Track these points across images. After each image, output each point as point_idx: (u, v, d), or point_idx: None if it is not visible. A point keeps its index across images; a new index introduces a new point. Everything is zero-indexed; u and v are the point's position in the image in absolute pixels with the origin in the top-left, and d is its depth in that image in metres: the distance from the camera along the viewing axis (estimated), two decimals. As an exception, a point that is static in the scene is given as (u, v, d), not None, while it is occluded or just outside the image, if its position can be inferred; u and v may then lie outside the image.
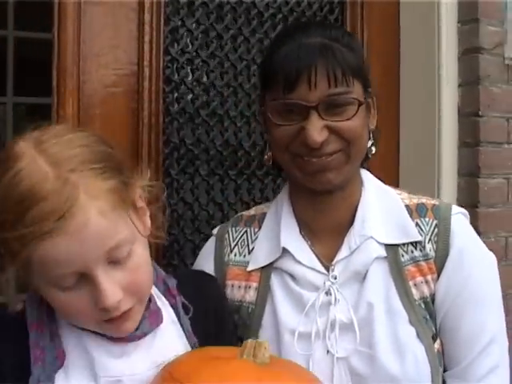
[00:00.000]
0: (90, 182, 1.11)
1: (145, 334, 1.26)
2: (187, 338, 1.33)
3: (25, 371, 1.19)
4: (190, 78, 2.05)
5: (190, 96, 2.04)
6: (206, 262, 1.59)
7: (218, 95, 2.09)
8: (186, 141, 2.03)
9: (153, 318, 1.28)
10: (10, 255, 1.13)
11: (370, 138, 1.50)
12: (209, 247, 1.63)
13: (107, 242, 1.12)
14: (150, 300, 1.29)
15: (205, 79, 2.07)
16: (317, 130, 1.37)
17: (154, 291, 1.33)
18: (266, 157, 1.54)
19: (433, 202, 1.53)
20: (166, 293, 1.35)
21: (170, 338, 1.31)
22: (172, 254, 2.03)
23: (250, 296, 1.52)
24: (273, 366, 1.25)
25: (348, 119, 1.39)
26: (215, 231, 1.65)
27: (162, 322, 1.29)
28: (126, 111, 1.91)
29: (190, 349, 1.32)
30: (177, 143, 2.02)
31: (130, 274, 1.17)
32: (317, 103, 1.37)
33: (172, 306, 1.34)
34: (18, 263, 1.13)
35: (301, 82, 1.36)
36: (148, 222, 1.26)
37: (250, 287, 1.53)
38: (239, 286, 1.54)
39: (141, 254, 1.20)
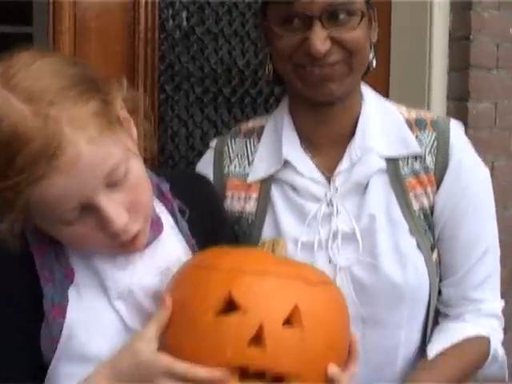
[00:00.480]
0: (71, 112, 1.06)
1: (148, 244, 1.26)
2: (186, 241, 1.34)
3: (38, 297, 1.18)
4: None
5: (184, 13, 2.05)
6: (203, 172, 1.59)
7: (212, 13, 2.10)
8: (180, 58, 2.05)
9: (154, 226, 1.27)
10: (6, 204, 1.08)
11: (371, 51, 1.49)
12: (207, 159, 1.63)
13: (103, 168, 1.09)
14: None
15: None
16: (320, 39, 1.37)
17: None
18: (266, 71, 1.54)
19: (431, 115, 1.55)
20: (161, 197, 1.34)
21: (170, 244, 1.31)
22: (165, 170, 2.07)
23: (250, 207, 1.54)
24: (293, 260, 1.32)
25: (351, 30, 1.39)
26: (213, 144, 1.64)
27: (163, 229, 1.29)
28: (121, 25, 1.92)
29: (189, 251, 1.33)
30: (172, 60, 2.03)
31: (130, 193, 1.14)
32: (320, 13, 1.36)
33: (169, 211, 1.34)
34: (17, 210, 1.08)
35: None
36: (134, 131, 1.22)
37: (249, 198, 1.55)
38: (239, 198, 1.56)
39: (137, 170, 1.17)
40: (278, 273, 1.18)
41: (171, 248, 1.31)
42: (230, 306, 1.14)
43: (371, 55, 1.50)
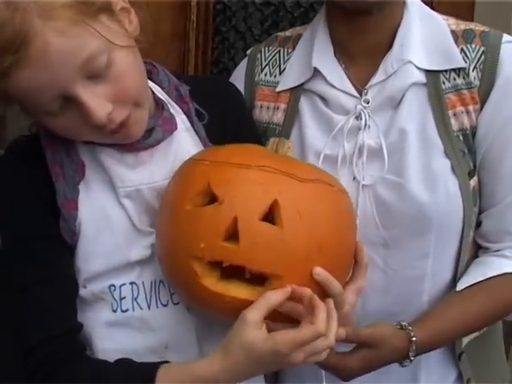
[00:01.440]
0: (41, 3, 1.04)
1: (158, 142, 1.25)
2: (203, 144, 1.31)
3: (51, 190, 1.20)
4: None
5: None
6: (236, 81, 1.54)
7: None
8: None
9: (166, 124, 1.26)
10: None
11: None
12: (241, 67, 1.58)
13: (75, 58, 1.07)
14: (162, 107, 1.27)
15: None
16: None
17: (166, 98, 1.30)
18: None
19: (482, 28, 1.42)
20: (178, 100, 1.32)
21: (185, 145, 1.29)
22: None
23: (278, 117, 1.48)
24: (290, 157, 1.25)
25: None
26: (248, 51, 1.59)
27: (176, 128, 1.27)
28: None
29: None
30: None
31: (114, 84, 1.13)
32: None
33: (185, 113, 1.32)
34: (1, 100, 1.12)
35: None
36: (135, 20, 1.19)
37: (278, 108, 1.49)
38: (268, 107, 1.50)
39: (123, 61, 1.14)
40: (264, 166, 1.13)
41: (185, 149, 1.29)
42: (212, 200, 1.11)
43: None
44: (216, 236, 1.08)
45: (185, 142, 1.30)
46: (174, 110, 1.30)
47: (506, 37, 1.40)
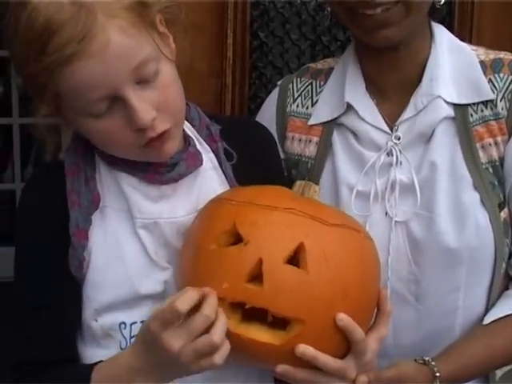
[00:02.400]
0: (105, 3, 1.11)
1: (181, 176, 1.26)
2: (230, 184, 1.33)
3: (66, 218, 1.23)
4: None
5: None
6: (267, 112, 1.57)
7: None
8: (276, 3, 1.99)
9: (190, 159, 1.27)
10: (38, 91, 1.15)
11: None
12: (272, 97, 1.59)
13: (131, 59, 1.13)
14: (189, 143, 1.30)
15: None
16: None
17: (195, 135, 1.33)
18: (325, 12, 1.46)
19: (511, 57, 1.41)
20: (208, 138, 1.34)
21: (210, 183, 1.31)
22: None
23: (310, 151, 1.49)
24: (316, 201, 1.24)
25: None
26: (280, 81, 1.61)
27: (201, 164, 1.29)
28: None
29: None
30: (266, 5, 1.98)
31: (160, 92, 1.17)
32: None
33: (214, 151, 1.33)
34: (48, 98, 1.15)
35: None
36: (172, 45, 1.24)
37: (310, 141, 1.50)
38: (299, 139, 1.51)
39: (169, 73, 1.19)
40: (291, 209, 1.13)
41: (211, 188, 1.30)
42: (237, 241, 1.11)
43: None
44: (240, 277, 1.08)
45: (211, 179, 1.31)
46: (203, 147, 1.33)
47: None
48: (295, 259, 1.09)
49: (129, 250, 1.24)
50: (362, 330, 1.14)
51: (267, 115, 1.56)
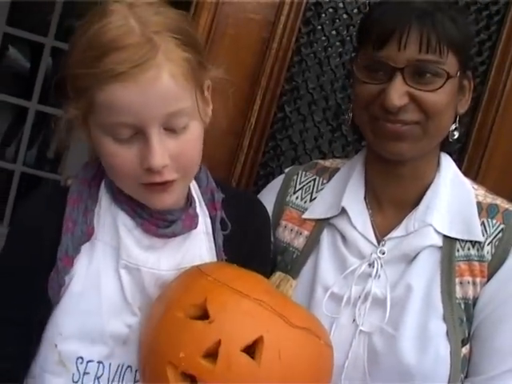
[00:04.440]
0: (169, 47, 1.19)
1: (175, 235, 1.31)
2: (217, 252, 1.37)
3: (58, 240, 1.28)
4: (327, 22, 2.06)
5: (323, 43, 2.07)
6: (269, 195, 1.63)
7: (351, 49, 2.08)
8: (308, 83, 2.06)
9: (187, 221, 1.32)
10: (78, 92, 1.21)
11: (454, 122, 1.45)
12: (276, 183, 1.66)
13: (170, 104, 1.19)
14: (190, 203, 1.35)
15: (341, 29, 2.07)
16: (397, 93, 1.35)
17: (198, 197, 1.38)
18: (346, 116, 1.54)
19: (507, 206, 1.48)
20: (209, 203, 1.39)
21: (199, 247, 1.36)
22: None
23: (299, 242, 1.55)
24: (288, 298, 1.29)
25: (432, 91, 1.36)
26: (287, 170, 1.68)
27: (195, 227, 1.34)
28: (256, 38, 1.95)
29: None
30: (299, 83, 2.04)
31: (180, 146, 1.22)
32: (403, 66, 1.34)
33: (211, 217, 1.38)
34: (82, 102, 1.21)
35: (391, 41, 1.35)
36: (209, 112, 1.31)
37: (301, 234, 1.56)
38: (291, 229, 1.57)
39: (196, 132, 1.25)
40: (261, 301, 1.18)
41: (198, 251, 1.36)
42: (204, 316, 1.16)
43: (453, 126, 1.45)
44: (197, 351, 1.13)
45: (200, 243, 1.37)
46: (202, 210, 1.38)
47: None
48: (252, 349, 1.14)
49: (107, 284, 1.29)
50: None
51: (268, 198, 1.62)
